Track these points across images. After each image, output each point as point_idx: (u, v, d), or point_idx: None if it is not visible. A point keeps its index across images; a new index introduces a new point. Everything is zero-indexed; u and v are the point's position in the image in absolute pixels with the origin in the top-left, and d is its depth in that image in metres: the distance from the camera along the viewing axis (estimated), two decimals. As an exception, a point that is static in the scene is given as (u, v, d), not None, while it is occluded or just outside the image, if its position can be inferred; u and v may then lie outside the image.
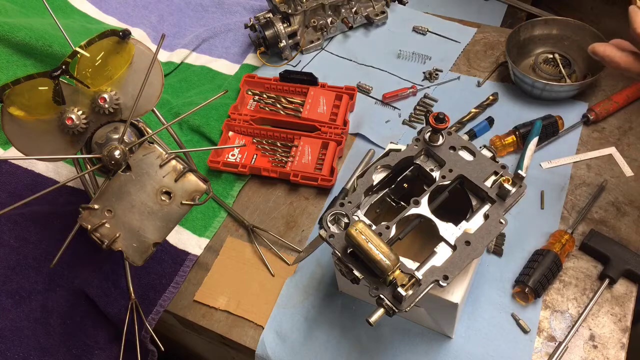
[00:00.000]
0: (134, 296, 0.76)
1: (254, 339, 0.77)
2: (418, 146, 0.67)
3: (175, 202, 0.67)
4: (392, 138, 0.96)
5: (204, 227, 0.89)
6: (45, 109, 0.68)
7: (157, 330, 0.78)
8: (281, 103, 1.02)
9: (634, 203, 0.83)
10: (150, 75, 0.67)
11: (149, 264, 0.84)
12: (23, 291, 0.83)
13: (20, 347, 0.78)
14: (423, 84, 1.04)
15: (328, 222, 0.62)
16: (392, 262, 0.56)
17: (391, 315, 0.57)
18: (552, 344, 0.71)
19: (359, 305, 0.78)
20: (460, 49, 1.09)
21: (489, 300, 0.75)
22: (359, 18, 1.14)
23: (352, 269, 0.59)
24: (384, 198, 0.69)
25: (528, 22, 1.02)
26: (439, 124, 0.63)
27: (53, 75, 0.65)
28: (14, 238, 0.87)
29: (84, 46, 0.67)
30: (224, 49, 1.17)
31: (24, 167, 0.97)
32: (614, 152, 0.89)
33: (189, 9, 1.27)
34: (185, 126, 1.02)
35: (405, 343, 0.74)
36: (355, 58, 1.11)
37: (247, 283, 0.82)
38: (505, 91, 1.00)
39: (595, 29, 0.97)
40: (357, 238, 0.56)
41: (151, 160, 0.67)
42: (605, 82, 0.99)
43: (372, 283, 0.58)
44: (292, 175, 0.90)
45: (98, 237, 0.66)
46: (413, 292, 0.57)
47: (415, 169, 0.68)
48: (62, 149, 0.70)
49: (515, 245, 0.80)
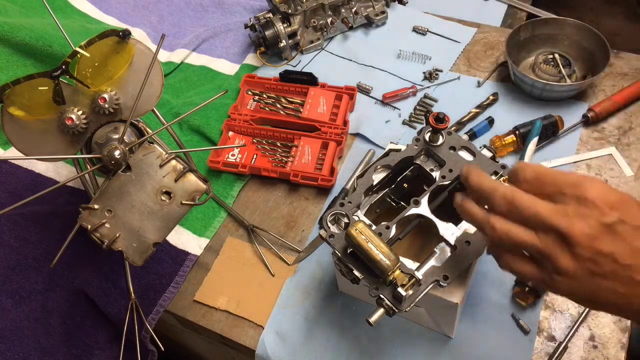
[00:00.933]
0: (134, 296, 0.76)
1: (254, 339, 0.77)
2: (418, 146, 0.67)
3: (175, 202, 0.67)
4: (392, 138, 0.96)
5: (204, 227, 0.89)
6: (45, 109, 0.68)
7: (157, 330, 0.78)
8: (281, 103, 1.02)
9: (634, 203, 0.83)
10: (150, 75, 0.67)
11: (149, 264, 0.84)
12: (23, 291, 0.83)
13: (20, 347, 0.78)
14: (423, 84, 1.04)
15: (328, 222, 0.62)
16: (392, 262, 0.56)
17: (391, 315, 0.57)
18: (552, 344, 0.71)
19: (359, 305, 0.78)
20: (460, 49, 1.09)
21: (489, 300, 0.75)
22: (359, 18, 1.14)
23: (352, 269, 0.59)
24: (384, 198, 0.69)
25: (528, 22, 1.02)
26: (439, 124, 0.63)
27: (53, 75, 0.65)
28: (14, 238, 0.87)
29: (84, 46, 0.67)
30: (224, 49, 1.17)
31: (24, 167, 0.97)
32: (614, 152, 0.89)
33: (189, 9, 1.27)
34: (185, 126, 1.02)
35: (405, 343, 0.74)
36: (355, 58, 1.11)
37: (247, 283, 0.82)
38: (505, 91, 1.00)
39: (595, 29, 0.97)
40: (357, 238, 0.56)
41: (151, 160, 0.67)
42: (605, 82, 0.99)
43: (372, 283, 0.58)
44: (292, 175, 0.90)
45: (98, 237, 0.66)
46: (413, 292, 0.57)
47: (415, 169, 0.68)
48: (62, 149, 0.70)
49: (515, 245, 0.80)
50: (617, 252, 0.44)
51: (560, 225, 0.44)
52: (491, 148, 0.67)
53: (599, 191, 0.45)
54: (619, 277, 0.45)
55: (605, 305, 0.47)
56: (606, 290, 0.45)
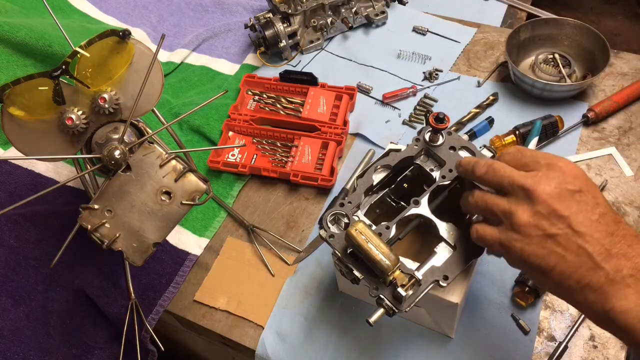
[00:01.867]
0: (134, 296, 0.76)
1: (254, 339, 0.77)
2: (418, 146, 0.67)
3: (175, 202, 0.67)
4: (392, 138, 0.96)
5: (204, 227, 0.89)
6: (45, 109, 0.68)
7: (157, 330, 0.78)
8: (281, 103, 1.02)
9: (634, 203, 0.83)
10: (150, 75, 0.67)
11: (149, 264, 0.84)
12: (23, 291, 0.83)
13: (20, 347, 0.78)
14: (423, 84, 1.04)
15: (328, 222, 0.62)
16: (392, 262, 0.56)
17: (391, 315, 0.57)
18: (552, 344, 0.71)
19: (359, 305, 0.78)
20: (460, 49, 1.09)
21: (489, 300, 0.75)
22: (359, 18, 1.14)
23: (352, 269, 0.59)
24: (384, 198, 0.69)
25: (528, 22, 1.02)
26: (439, 124, 0.63)
27: (53, 75, 0.65)
28: (14, 238, 0.87)
29: (84, 46, 0.67)
30: (224, 49, 1.17)
31: (24, 167, 0.97)
32: (614, 152, 0.89)
33: (189, 9, 1.27)
34: (185, 126, 1.02)
35: (405, 343, 0.74)
36: (355, 58, 1.11)
37: (247, 283, 0.82)
38: (505, 91, 1.00)
39: (596, 29, 0.97)
40: (357, 238, 0.56)
41: (151, 160, 0.67)
42: (605, 82, 0.99)
43: (372, 283, 0.58)
44: (292, 175, 0.90)
45: (98, 237, 0.66)
46: (413, 292, 0.57)
47: (415, 169, 0.68)
48: (62, 149, 0.70)
49: (515, 245, 0.80)
50: (572, 217, 0.48)
51: (526, 183, 0.49)
52: (491, 148, 0.67)
53: (568, 164, 0.51)
54: (570, 243, 0.47)
55: (555, 277, 0.48)
56: (556, 257, 0.48)
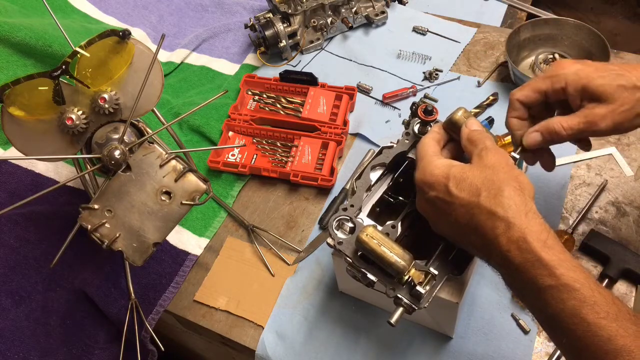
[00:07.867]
0: (134, 296, 0.77)
1: (254, 339, 0.77)
2: (409, 140, 0.67)
3: (175, 202, 0.67)
4: (392, 138, 0.96)
5: (204, 227, 0.89)
6: (45, 109, 0.68)
7: (157, 330, 0.78)
8: (281, 103, 1.02)
9: (633, 203, 0.83)
10: (150, 75, 0.67)
11: (149, 264, 0.84)
12: (23, 291, 0.83)
13: (20, 347, 0.78)
14: (423, 84, 1.04)
15: (334, 229, 0.62)
16: (407, 262, 0.55)
17: (410, 313, 0.56)
18: (552, 344, 0.71)
19: (359, 305, 0.78)
20: (460, 49, 1.09)
21: (489, 300, 0.75)
22: (359, 18, 1.14)
23: (366, 273, 0.58)
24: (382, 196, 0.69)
25: (528, 22, 1.02)
26: (428, 116, 0.64)
27: (53, 75, 0.65)
28: (14, 238, 0.87)
29: (84, 46, 0.68)
30: (224, 49, 1.17)
31: (24, 167, 0.97)
32: (614, 152, 0.89)
33: (189, 9, 1.27)
34: (185, 126, 1.02)
35: (405, 343, 0.74)
36: (355, 58, 1.11)
37: (247, 283, 0.82)
38: (505, 91, 1.00)
39: (596, 29, 0.97)
40: (369, 243, 0.56)
41: (151, 160, 0.67)
42: (605, 82, 0.99)
43: (388, 284, 0.58)
44: (292, 175, 0.90)
45: (98, 237, 0.66)
46: (430, 287, 0.57)
47: (409, 163, 0.68)
48: (62, 149, 0.70)
49: (515, 245, 0.80)
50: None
51: None
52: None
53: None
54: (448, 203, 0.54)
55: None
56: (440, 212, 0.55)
